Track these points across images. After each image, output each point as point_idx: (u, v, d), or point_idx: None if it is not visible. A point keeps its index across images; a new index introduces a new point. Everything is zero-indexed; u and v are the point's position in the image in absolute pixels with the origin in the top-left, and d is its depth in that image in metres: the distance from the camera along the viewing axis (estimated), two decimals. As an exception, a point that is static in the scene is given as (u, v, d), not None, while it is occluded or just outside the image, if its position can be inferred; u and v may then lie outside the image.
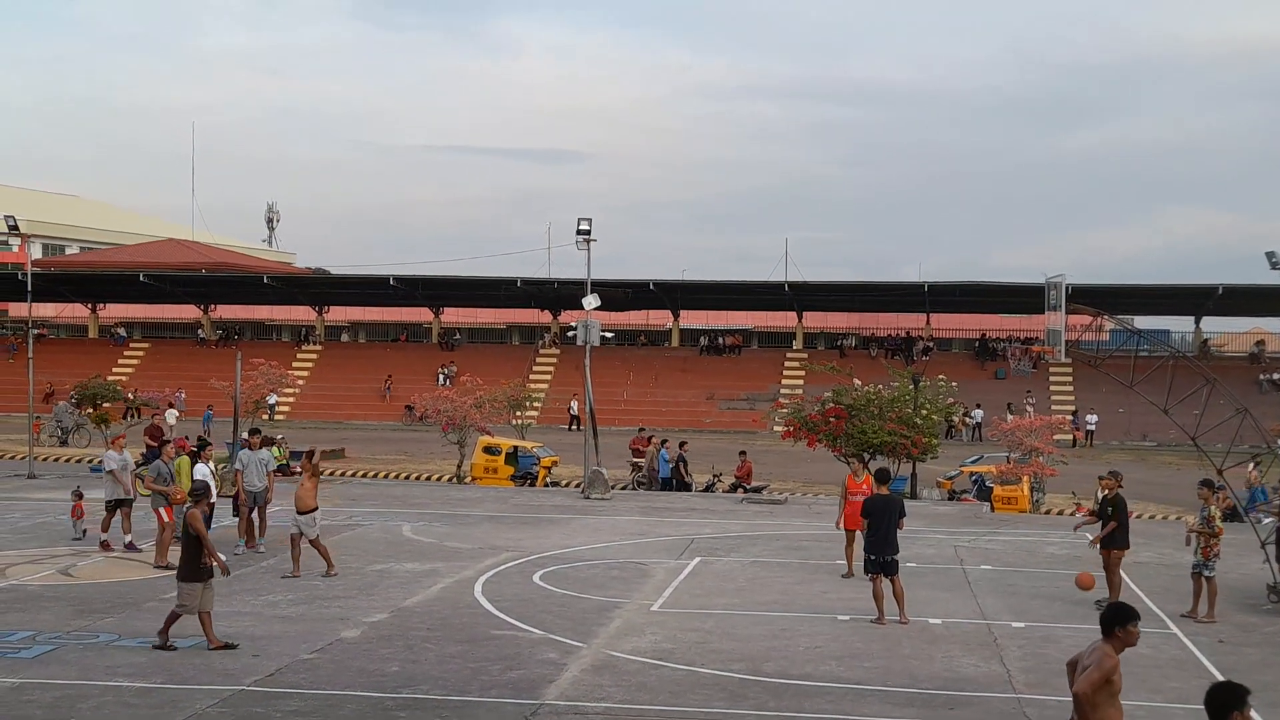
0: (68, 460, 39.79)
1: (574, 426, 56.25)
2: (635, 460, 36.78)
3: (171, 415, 49.22)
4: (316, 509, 19.34)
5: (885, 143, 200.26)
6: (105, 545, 20.86)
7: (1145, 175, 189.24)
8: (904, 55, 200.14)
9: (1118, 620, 8.19)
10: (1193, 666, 14.56)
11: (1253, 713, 6.98)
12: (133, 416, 47.24)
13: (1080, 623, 16.00)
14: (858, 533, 19.59)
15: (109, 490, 21.24)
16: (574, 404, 58.55)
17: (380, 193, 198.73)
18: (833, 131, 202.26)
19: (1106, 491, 18.27)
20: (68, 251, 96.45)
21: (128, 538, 21.07)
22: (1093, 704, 7.97)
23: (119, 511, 21.16)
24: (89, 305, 76.37)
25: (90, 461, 34.05)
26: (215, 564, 14.61)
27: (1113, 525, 17.78)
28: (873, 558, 16.75)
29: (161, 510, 19.79)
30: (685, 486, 34.12)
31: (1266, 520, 20.62)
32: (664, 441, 35.46)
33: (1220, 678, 13.90)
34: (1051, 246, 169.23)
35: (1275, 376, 55.84)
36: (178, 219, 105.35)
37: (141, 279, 68.35)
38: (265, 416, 51.87)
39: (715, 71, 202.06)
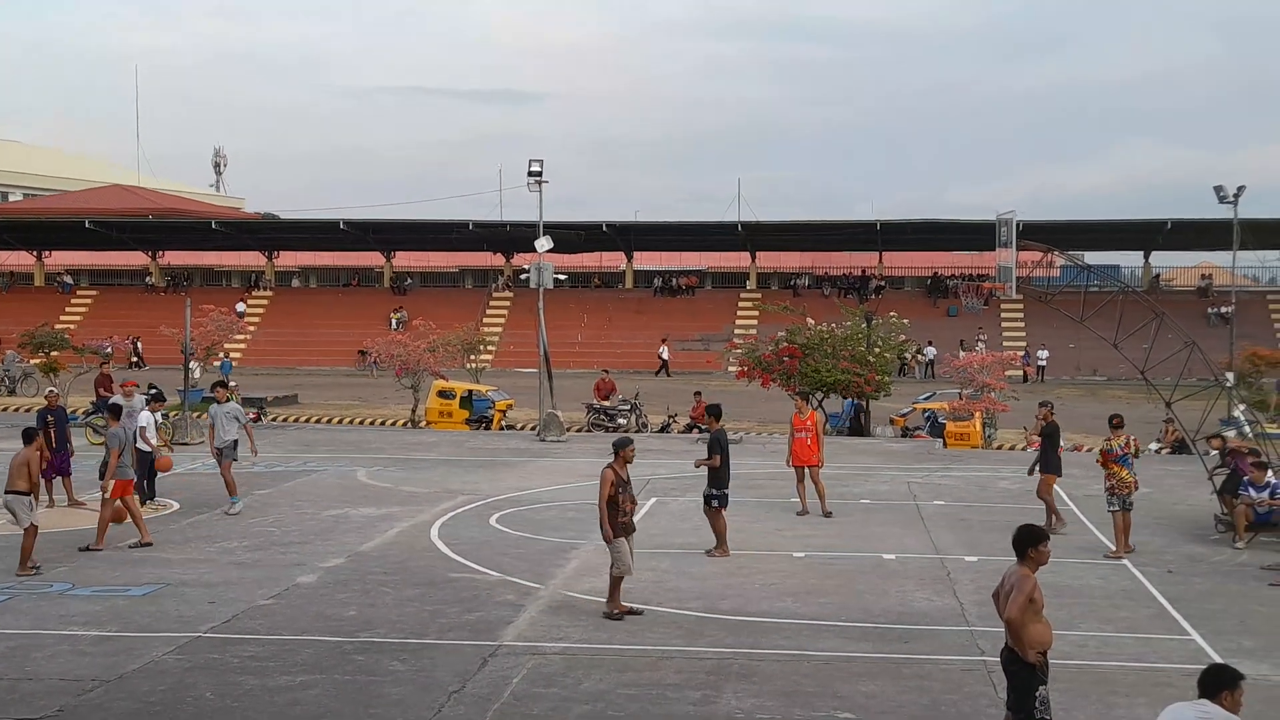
0: (16, 410, 39.37)
1: (662, 373, 56.34)
2: (593, 403, 36.79)
3: (197, 368, 46.84)
4: (24, 491, 15.47)
5: (840, 81, 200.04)
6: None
7: (1099, 110, 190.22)
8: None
9: (1029, 542, 8.75)
10: (1142, 596, 14.79)
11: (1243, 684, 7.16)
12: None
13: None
14: (807, 469, 19.76)
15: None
16: (664, 349, 58.36)
17: (330, 136, 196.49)
18: (788, 70, 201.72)
19: (1044, 421, 19.03)
20: (11, 199, 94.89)
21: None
22: (1021, 624, 8.46)
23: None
24: (34, 253, 75.28)
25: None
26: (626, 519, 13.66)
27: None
28: (727, 492, 16.76)
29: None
30: (859, 433, 33.92)
31: (1212, 453, 20.89)
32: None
33: (1169, 607, 14.15)
34: (1006, 183, 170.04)
35: (1223, 310, 56.37)
36: (124, 165, 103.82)
37: (87, 225, 67.41)
38: (222, 355, 51.07)
39: (672, 9, 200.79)
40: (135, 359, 57.08)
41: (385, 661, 11.84)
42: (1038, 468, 19.00)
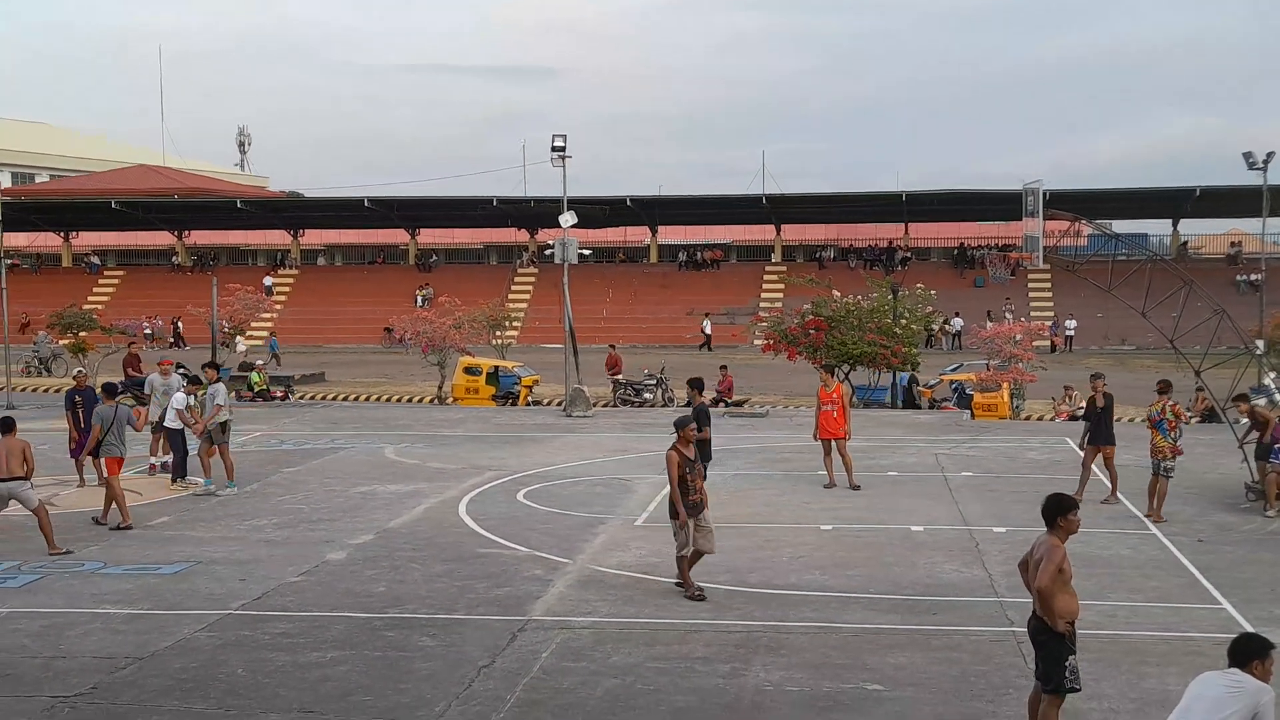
0: (46, 390, 39.63)
1: (705, 347, 56.58)
2: (619, 378, 36.83)
3: (241, 344, 47.46)
4: (23, 477, 15.31)
5: (860, 53, 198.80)
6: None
7: (1128, 79, 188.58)
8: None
9: (1058, 511, 8.68)
10: (1172, 566, 14.72)
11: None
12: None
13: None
14: (834, 441, 19.69)
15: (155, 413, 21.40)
16: (706, 323, 58.53)
17: (353, 114, 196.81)
18: (809, 41, 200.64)
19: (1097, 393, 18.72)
20: (37, 180, 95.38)
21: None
22: (1051, 594, 8.42)
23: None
24: (61, 234, 75.68)
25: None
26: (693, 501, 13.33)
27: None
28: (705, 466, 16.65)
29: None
30: (912, 405, 34.03)
31: (1242, 420, 20.73)
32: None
33: (1199, 576, 14.08)
34: (1032, 153, 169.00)
35: (1252, 277, 55.89)
36: (148, 145, 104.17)
37: (113, 206, 67.70)
38: (268, 333, 51.63)
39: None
40: (173, 339, 57.60)
41: (415, 637, 11.89)
42: (1088, 439, 18.76)
